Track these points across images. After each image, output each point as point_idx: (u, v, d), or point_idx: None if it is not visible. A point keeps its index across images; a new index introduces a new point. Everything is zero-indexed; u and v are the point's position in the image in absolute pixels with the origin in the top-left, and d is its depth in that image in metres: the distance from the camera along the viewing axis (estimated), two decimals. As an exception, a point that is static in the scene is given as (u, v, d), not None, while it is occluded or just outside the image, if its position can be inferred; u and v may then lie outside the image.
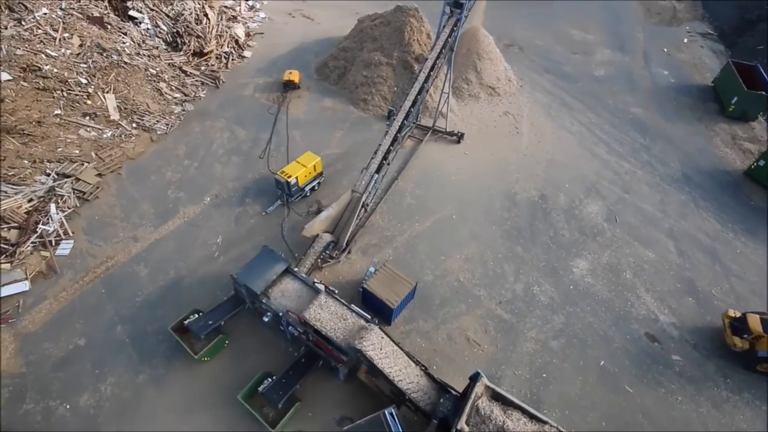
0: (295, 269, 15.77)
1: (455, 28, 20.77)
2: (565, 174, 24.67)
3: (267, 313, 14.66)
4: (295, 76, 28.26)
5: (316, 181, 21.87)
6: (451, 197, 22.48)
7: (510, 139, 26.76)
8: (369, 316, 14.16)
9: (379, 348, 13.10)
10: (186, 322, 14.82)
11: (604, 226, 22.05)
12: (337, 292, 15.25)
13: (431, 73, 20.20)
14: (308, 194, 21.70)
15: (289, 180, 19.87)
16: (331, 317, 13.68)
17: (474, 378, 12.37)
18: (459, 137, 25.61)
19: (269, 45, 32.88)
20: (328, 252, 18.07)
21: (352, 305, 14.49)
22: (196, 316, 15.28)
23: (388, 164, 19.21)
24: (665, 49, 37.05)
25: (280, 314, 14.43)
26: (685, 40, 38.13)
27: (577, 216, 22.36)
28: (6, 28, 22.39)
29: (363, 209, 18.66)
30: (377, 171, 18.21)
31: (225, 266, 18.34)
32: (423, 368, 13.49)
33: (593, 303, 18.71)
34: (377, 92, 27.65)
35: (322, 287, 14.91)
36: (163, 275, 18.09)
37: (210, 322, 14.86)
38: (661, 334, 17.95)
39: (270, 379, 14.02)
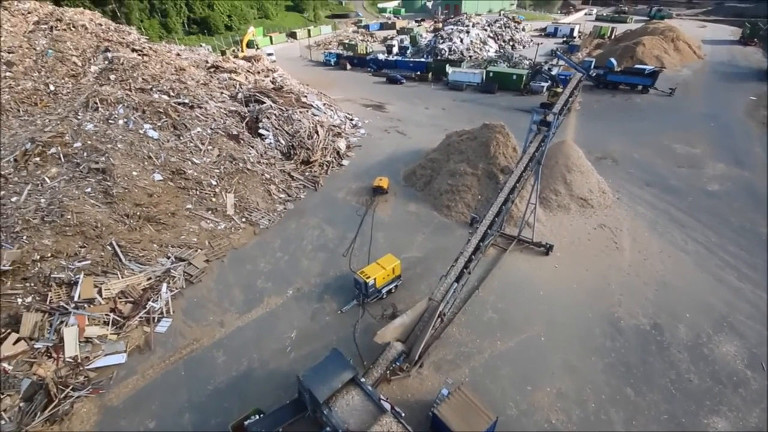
0: (362, 379, 14.77)
1: (542, 144, 21.00)
2: (682, 300, 20.88)
3: (326, 428, 13.51)
4: (384, 182, 30.69)
5: (394, 284, 21.68)
6: (539, 315, 20.18)
7: (608, 255, 24.22)
8: (438, 454, 12.13)
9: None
10: (246, 422, 14.31)
11: (747, 375, 17.28)
12: (404, 415, 13.66)
13: (517, 185, 20.08)
14: (384, 296, 21.43)
15: (367, 281, 20.05)
16: (394, 446, 12.02)
17: None
18: (548, 249, 24.02)
19: (365, 155, 37.00)
20: (398, 363, 16.86)
21: (420, 434, 12.69)
22: (257, 416, 14.73)
23: (469, 273, 18.38)
24: (796, 165, 32.65)
25: None
26: (820, 156, 33.35)
27: (707, 357, 18.04)
28: (168, 141, 28.93)
29: (439, 319, 17.56)
30: (457, 280, 17.44)
31: (294, 363, 18.09)
32: None
33: (747, 487, 13.76)
34: (461, 199, 28.22)
35: (388, 406, 13.51)
36: (236, 364, 18.40)
37: (268, 428, 14.13)
38: None
39: None
